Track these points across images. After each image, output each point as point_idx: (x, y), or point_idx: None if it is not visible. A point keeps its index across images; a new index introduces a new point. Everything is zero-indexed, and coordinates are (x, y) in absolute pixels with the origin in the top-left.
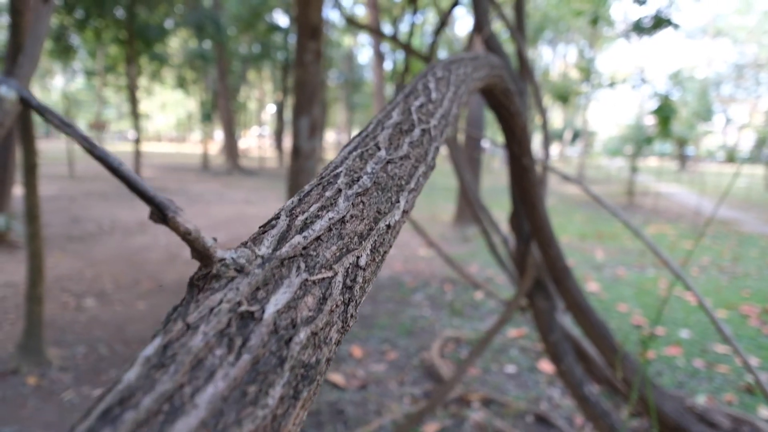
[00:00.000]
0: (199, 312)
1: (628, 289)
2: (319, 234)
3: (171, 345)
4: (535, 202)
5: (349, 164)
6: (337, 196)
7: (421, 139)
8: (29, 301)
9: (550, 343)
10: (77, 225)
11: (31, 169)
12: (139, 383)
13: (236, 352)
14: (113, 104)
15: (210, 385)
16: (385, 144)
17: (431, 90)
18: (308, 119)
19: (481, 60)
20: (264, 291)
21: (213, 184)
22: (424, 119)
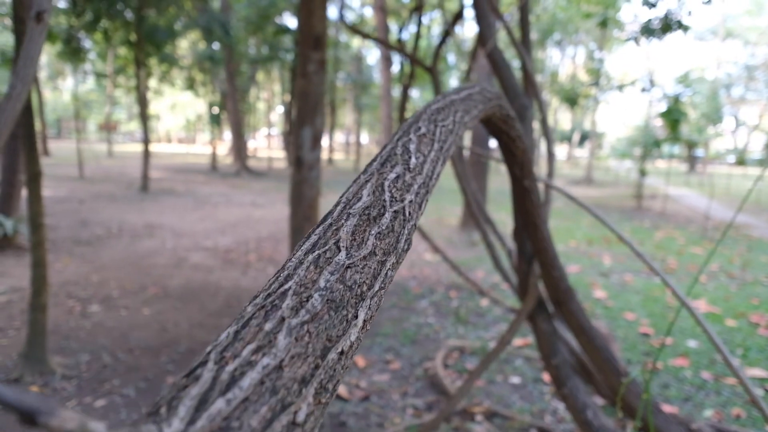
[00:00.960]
0: None
1: (636, 296)
2: (247, 394)
3: None
4: (537, 223)
5: (301, 276)
6: (278, 329)
7: (391, 225)
8: (32, 310)
9: (553, 366)
10: (85, 228)
11: (34, 177)
12: None
13: None
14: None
15: None
16: (346, 241)
17: (411, 153)
18: (311, 130)
19: (474, 98)
20: None
21: (221, 186)
22: (398, 197)
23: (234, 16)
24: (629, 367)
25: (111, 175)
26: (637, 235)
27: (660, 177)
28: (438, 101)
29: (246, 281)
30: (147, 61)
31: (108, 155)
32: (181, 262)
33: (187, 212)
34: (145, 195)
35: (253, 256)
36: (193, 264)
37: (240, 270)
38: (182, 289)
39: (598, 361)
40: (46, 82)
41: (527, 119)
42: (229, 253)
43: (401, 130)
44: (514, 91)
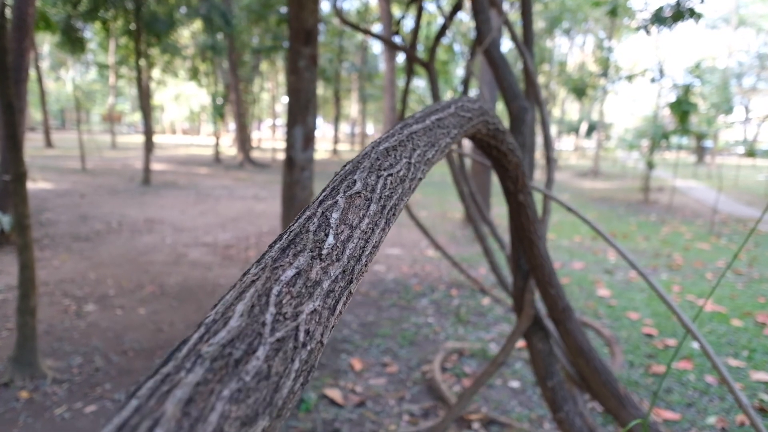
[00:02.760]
0: None
1: (640, 294)
2: None
3: None
4: (533, 239)
5: None
6: None
7: (266, 369)
8: (21, 314)
9: (549, 388)
10: (85, 223)
11: (19, 178)
12: None
13: None
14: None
15: None
16: (171, 422)
17: (330, 228)
18: (302, 129)
19: (445, 122)
20: None
21: (223, 179)
22: (289, 312)
23: (236, 5)
24: (631, 369)
25: (113, 167)
26: (643, 230)
27: (668, 169)
28: (392, 135)
29: None
30: (148, 51)
31: (111, 147)
32: (180, 259)
33: (189, 206)
34: (147, 188)
35: (252, 252)
36: (191, 260)
37: (239, 267)
38: (179, 287)
39: (596, 383)
40: (49, 73)
41: (527, 122)
42: (229, 249)
43: (329, 188)
44: (513, 91)
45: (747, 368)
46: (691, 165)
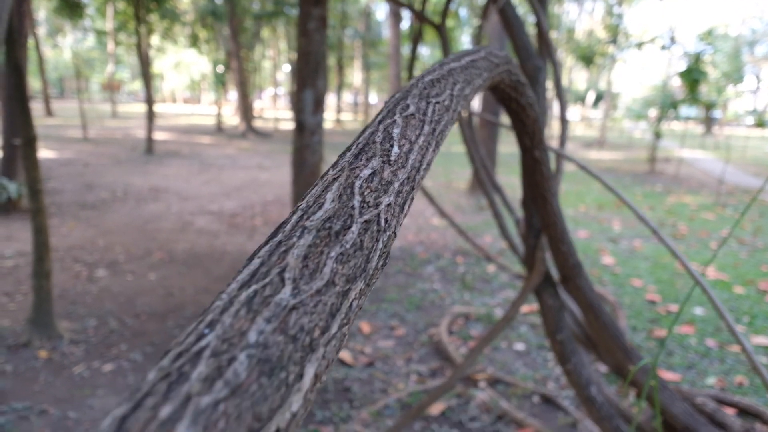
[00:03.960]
0: None
1: (644, 262)
2: None
3: None
4: (546, 197)
5: (227, 326)
6: (178, 416)
7: (359, 242)
8: (36, 277)
9: (557, 342)
10: (90, 192)
11: (29, 143)
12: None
13: None
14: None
15: None
16: (295, 271)
17: (394, 141)
18: (312, 92)
19: (477, 65)
20: None
21: (226, 148)
22: (371, 201)
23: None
24: (634, 334)
25: (115, 136)
26: (649, 200)
27: (675, 140)
28: (433, 70)
29: (252, 245)
30: (147, 17)
31: (112, 116)
32: (186, 227)
33: (193, 175)
34: (150, 157)
35: (258, 220)
36: (198, 228)
37: (245, 234)
38: (187, 254)
39: (604, 338)
40: (46, 39)
41: (540, 82)
42: (235, 218)
43: (385, 110)
44: (527, 51)
45: (748, 333)
46: (699, 136)
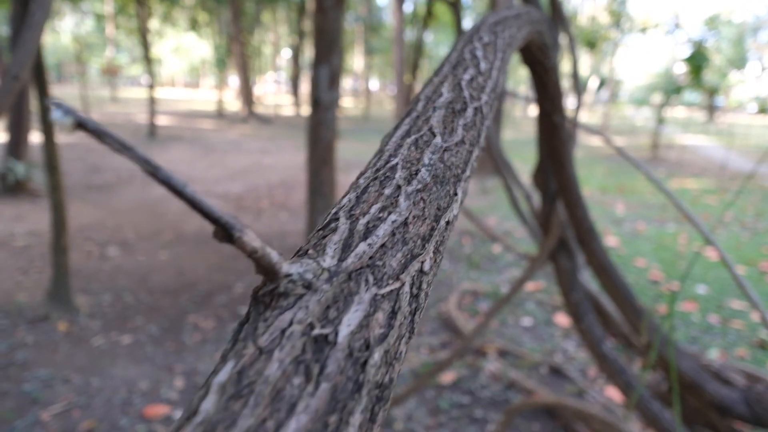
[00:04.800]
0: (270, 334)
1: (647, 244)
2: (383, 241)
3: (246, 372)
4: (563, 161)
5: (405, 154)
6: (397, 194)
7: (474, 120)
8: (55, 251)
9: (572, 302)
10: (96, 175)
11: (47, 119)
12: (219, 416)
13: (314, 380)
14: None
15: (293, 419)
16: (439, 128)
17: (479, 59)
18: (328, 69)
19: (523, 17)
20: (335, 309)
21: (229, 133)
22: (475, 95)
23: None
24: None
25: (116, 121)
26: (651, 184)
27: (678, 126)
28: (493, 16)
29: (260, 226)
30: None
31: (111, 100)
32: None
33: (197, 159)
34: (153, 142)
35: (265, 203)
36: None
37: (253, 216)
38: (196, 234)
39: (618, 299)
40: None
41: (555, 56)
42: (241, 200)
43: (464, 40)
44: (549, 28)
45: (748, 310)
46: (702, 124)
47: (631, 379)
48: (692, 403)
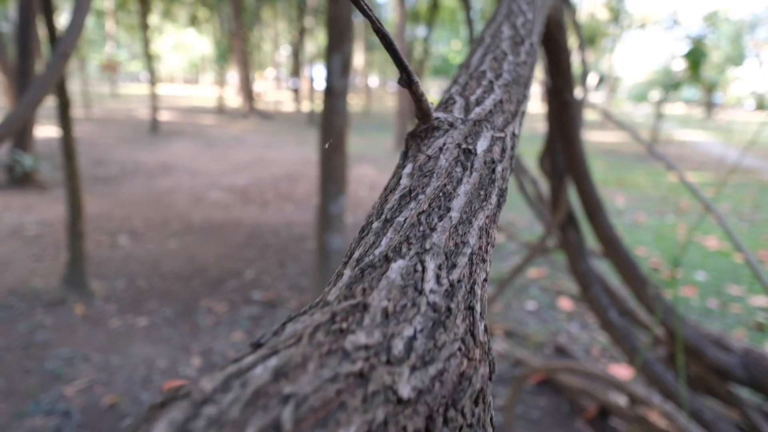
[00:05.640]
0: (432, 149)
1: (647, 234)
2: (490, 108)
3: (423, 165)
4: (572, 138)
5: (489, 64)
6: (491, 85)
7: (531, 51)
8: (71, 236)
9: (580, 272)
10: (101, 167)
11: (64, 107)
12: (415, 184)
13: (469, 170)
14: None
15: (462, 185)
16: (509, 51)
17: (525, 12)
18: (340, 56)
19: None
20: (471, 138)
21: (230, 128)
22: (528, 34)
23: None
24: None
25: (117, 117)
26: (651, 178)
27: (677, 123)
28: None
29: (266, 217)
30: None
31: (111, 97)
32: (200, 200)
33: (200, 153)
34: (156, 137)
35: (270, 194)
36: (212, 202)
37: (258, 207)
38: (204, 224)
39: (622, 267)
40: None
41: None
42: (247, 192)
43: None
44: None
45: (746, 296)
46: (700, 121)
47: (636, 344)
48: (693, 370)
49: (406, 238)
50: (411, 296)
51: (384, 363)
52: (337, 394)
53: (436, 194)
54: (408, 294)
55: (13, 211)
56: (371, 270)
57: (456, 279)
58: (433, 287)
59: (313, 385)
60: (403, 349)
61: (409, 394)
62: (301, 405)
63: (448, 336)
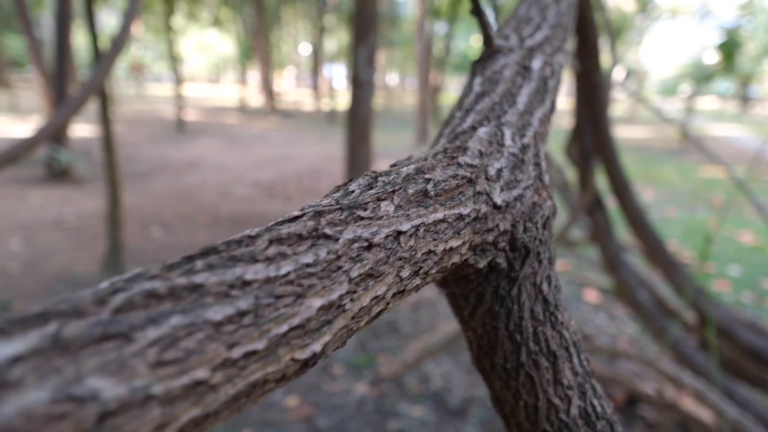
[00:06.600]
0: (496, 65)
1: (677, 228)
2: (540, 41)
3: (491, 76)
4: (600, 119)
5: (536, 11)
6: (539, 25)
7: (571, 2)
8: (110, 225)
9: (609, 254)
10: (131, 164)
11: (104, 106)
12: (485, 89)
13: (527, 78)
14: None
15: (523, 89)
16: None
17: None
18: (366, 49)
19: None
20: (527, 59)
21: (252, 127)
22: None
23: None
24: None
25: (144, 116)
26: (681, 172)
27: (709, 117)
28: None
29: (290, 210)
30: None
31: (137, 97)
32: (226, 194)
33: (225, 151)
34: (182, 135)
35: (293, 189)
36: (238, 196)
37: (282, 201)
38: (231, 217)
39: (651, 249)
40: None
41: None
42: (271, 187)
43: None
44: None
45: None
46: (735, 115)
47: (665, 324)
48: (725, 354)
49: (485, 117)
50: (496, 146)
51: (484, 178)
52: (457, 186)
53: (504, 93)
54: (493, 145)
55: (53, 204)
56: (462, 134)
57: (526, 143)
58: (511, 144)
59: (442, 177)
60: (495, 174)
61: (500, 203)
62: (437, 185)
63: (524, 175)
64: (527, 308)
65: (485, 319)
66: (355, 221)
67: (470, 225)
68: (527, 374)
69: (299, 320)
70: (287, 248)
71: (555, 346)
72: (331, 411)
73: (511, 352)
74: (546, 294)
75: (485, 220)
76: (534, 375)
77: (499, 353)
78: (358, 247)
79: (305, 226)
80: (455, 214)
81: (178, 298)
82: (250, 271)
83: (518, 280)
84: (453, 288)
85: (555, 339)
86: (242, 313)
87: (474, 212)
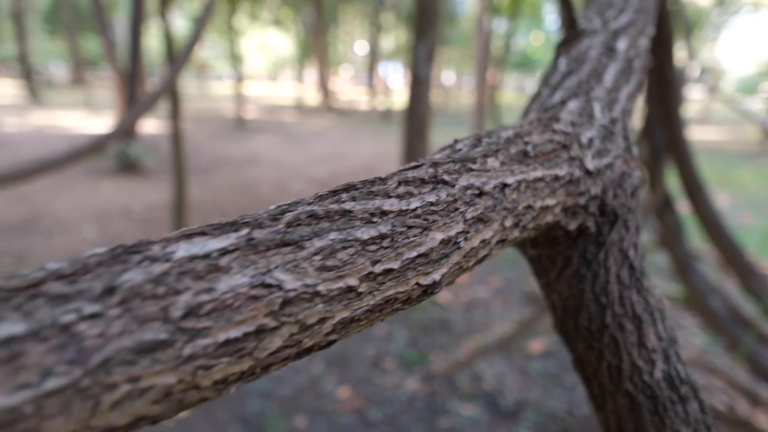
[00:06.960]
0: (581, 46)
1: (755, 236)
2: (624, 24)
3: (576, 56)
4: (673, 116)
5: None
6: (622, 9)
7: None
8: (176, 214)
9: (678, 256)
10: (195, 159)
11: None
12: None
13: (614, 58)
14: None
15: (609, 68)
16: None
17: None
18: (426, 45)
19: None
20: (612, 41)
21: (309, 124)
22: None
23: None
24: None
25: (206, 114)
26: (760, 177)
27: None
28: None
29: None
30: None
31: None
32: (283, 190)
33: (282, 147)
34: (241, 132)
35: None
36: (294, 191)
37: None
38: None
39: (727, 254)
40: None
41: None
42: (327, 183)
43: None
44: None
45: None
46: None
47: (740, 334)
48: None
49: (573, 92)
50: (586, 118)
51: (576, 144)
52: (552, 150)
53: (590, 71)
54: (584, 117)
55: (123, 195)
56: (552, 107)
57: (615, 117)
58: (600, 117)
59: (539, 140)
60: (587, 142)
61: (592, 169)
62: (535, 147)
63: (613, 145)
64: (613, 272)
65: (572, 281)
66: (467, 171)
67: (564, 187)
68: (612, 336)
69: (425, 249)
70: (414, 188)
71: (640, 310)
72: (382, 404)
73: (596, 314)
74: (632, 260)
75: (578, 184)
76: (618, 337)
77: (583, 315)
78: (471, 193)
79: (426, 172)
80: (552, 174)
81: (332, 219)
82: (386, 204)
83: (605, 245)
84: (543, 250)
85: (640, 304)
86: (383, 236)
87: (568, 175)
